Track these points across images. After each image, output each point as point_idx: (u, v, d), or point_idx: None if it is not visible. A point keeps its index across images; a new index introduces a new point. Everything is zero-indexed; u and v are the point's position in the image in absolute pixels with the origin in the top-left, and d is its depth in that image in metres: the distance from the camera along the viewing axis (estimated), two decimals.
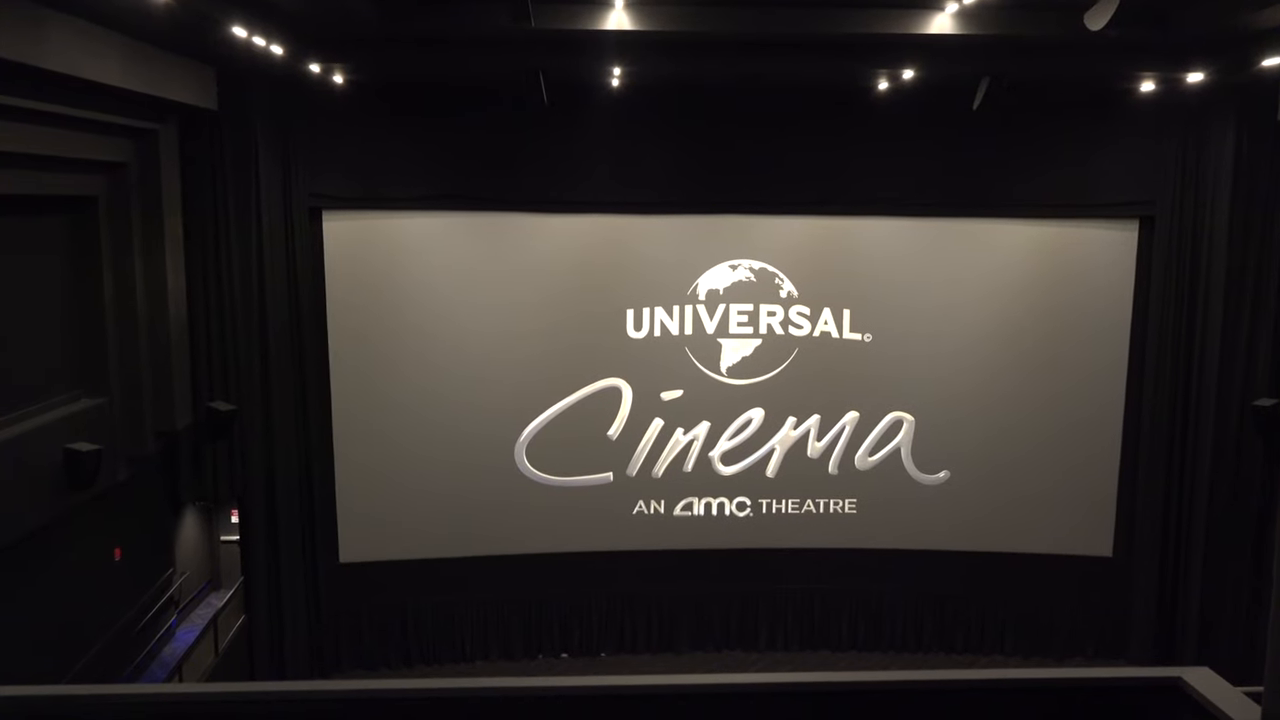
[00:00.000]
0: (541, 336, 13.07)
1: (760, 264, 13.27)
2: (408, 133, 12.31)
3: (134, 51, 8.88)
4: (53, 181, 9.07)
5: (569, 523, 13.38)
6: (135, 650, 10.56)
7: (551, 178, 12.59)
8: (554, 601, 13.56)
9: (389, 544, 13.10)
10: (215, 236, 11.41)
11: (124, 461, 10.19)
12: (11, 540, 8.06)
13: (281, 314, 12.05)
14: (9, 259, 8.76)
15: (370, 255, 12.77)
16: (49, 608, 9.12)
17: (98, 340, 9.97)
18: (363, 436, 12.90)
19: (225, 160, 11.35)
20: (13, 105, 7.66)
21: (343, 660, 13.14)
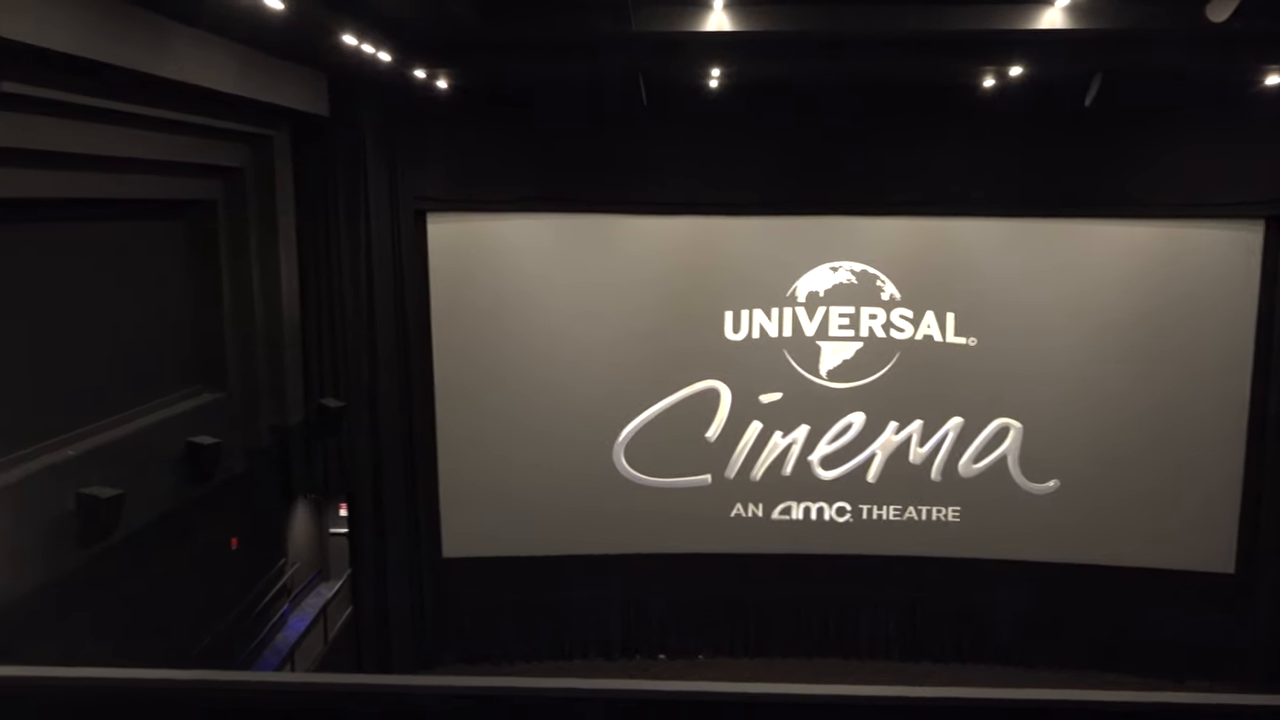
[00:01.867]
0: (640, 338, 13.13)
1: (861, 266, 13.07)
2: (508, 135, 12.52)
3: (251, 60, 9.26)
4: (175, 186, 9.54)
5: (667, 524, 13.40)
6: (250, 636, 10.98)
7: (650, 179, 12.64)
8: (652, 602, 13.59)
9: (490, 540, 13.32)
10: (326, 239, 11.84)
11: (240, 454, 10.62)
12: (138, 526, 8.48)
13: (388, 314, 12.40)
14: (137, 259, 9.24)
15: (473, 256, 13.02)
16: (171, 593, 9.56)
17: (217, 338, 10.43)
18: (465, 433, 13.16)
19: (336, 164, 11.75)
20: (139, 113, 8.07)
21: (444, 654, 13.41)
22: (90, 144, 7.71)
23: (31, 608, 7.31)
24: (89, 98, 7.40)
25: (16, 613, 7.03)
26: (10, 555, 6.79)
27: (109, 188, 8.32)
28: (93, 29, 6.90)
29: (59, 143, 7.36)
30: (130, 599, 8.86)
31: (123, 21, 7.23)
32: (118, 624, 8.60)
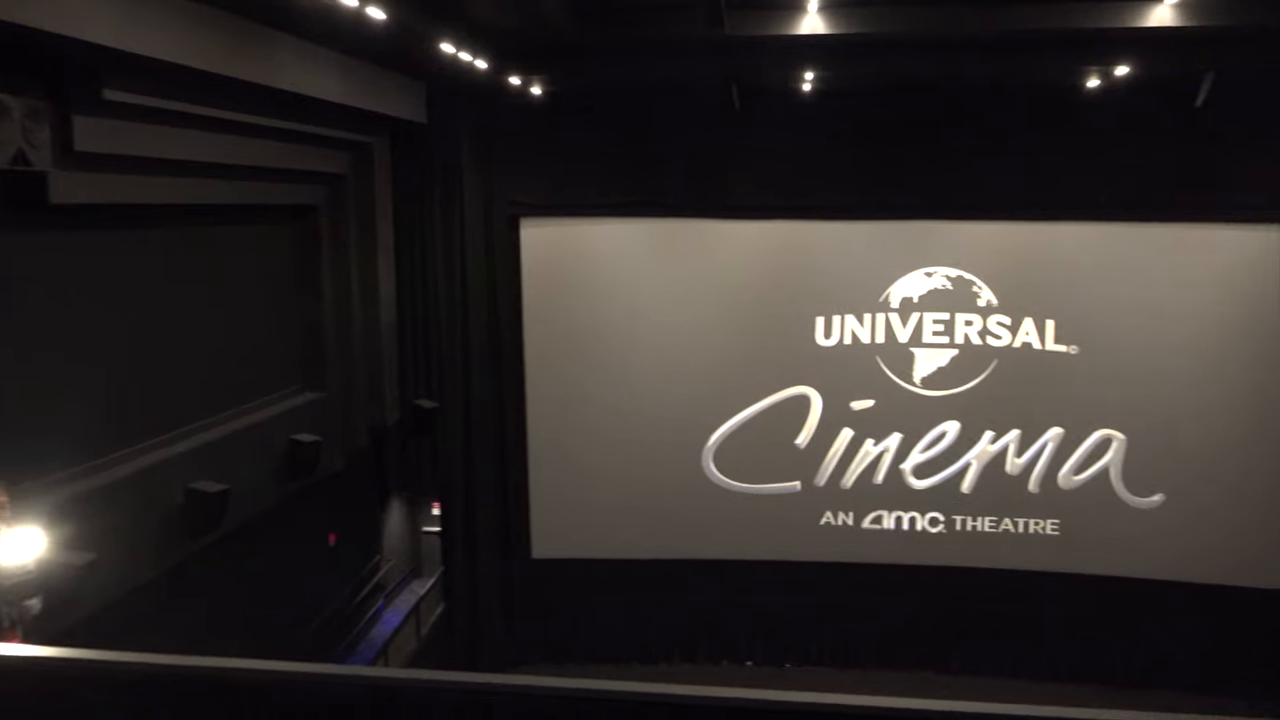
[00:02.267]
0: (730, 342, 13.08)
1: (957, 271, 12.80)
2: (600, 140, 12.61)
3: (353, 70, 9.52)
4: (280, 191, 9.85)
5: (755, 530, 13.31)
6: (347, 630, 11.27)
7: (742, 183, 12.59)
8: (738, 608, 13.51)
9: (579, 542, 13.42)
10: (422, 243, 12.12)
11: (339, 453, 10.91)
12: (243, 521, 8.78)
13: (481, 317, 12.61)
14: (243, 263, 9.58)
15: (565, 261, 13.15)
16: (272, 586, 9.87)
17: (318, 339, 10.74)
18: (555, 436, 13.28)
19: (433, 171, 12.02)
20: (249, 122, 8.37)
21: (533, 653, 13.54)
22: (203, 152, 8.02)
23: (144, 597, 7.63)
24: (203, 107, 7.69)
25: (130, 602, 7.34)
26: (125, 547, 7.08)
27: (219, 193, 8.64)
28: (207, 42, 7.17)
29: (174, 150, 7.67)
30: (234, 591, 9.18)
31: (236, 34, 7.51)
32: (221, 615, 8.91)
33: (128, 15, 6.32)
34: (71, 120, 6.57)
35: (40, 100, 6.31)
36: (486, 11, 8.58)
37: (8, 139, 6.02)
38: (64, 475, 6.98)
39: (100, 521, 6.46)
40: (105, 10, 6.11)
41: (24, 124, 6.13)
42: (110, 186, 7.16)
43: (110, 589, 6.78)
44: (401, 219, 11.95)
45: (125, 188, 7.35)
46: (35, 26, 5.54)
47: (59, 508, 6.03)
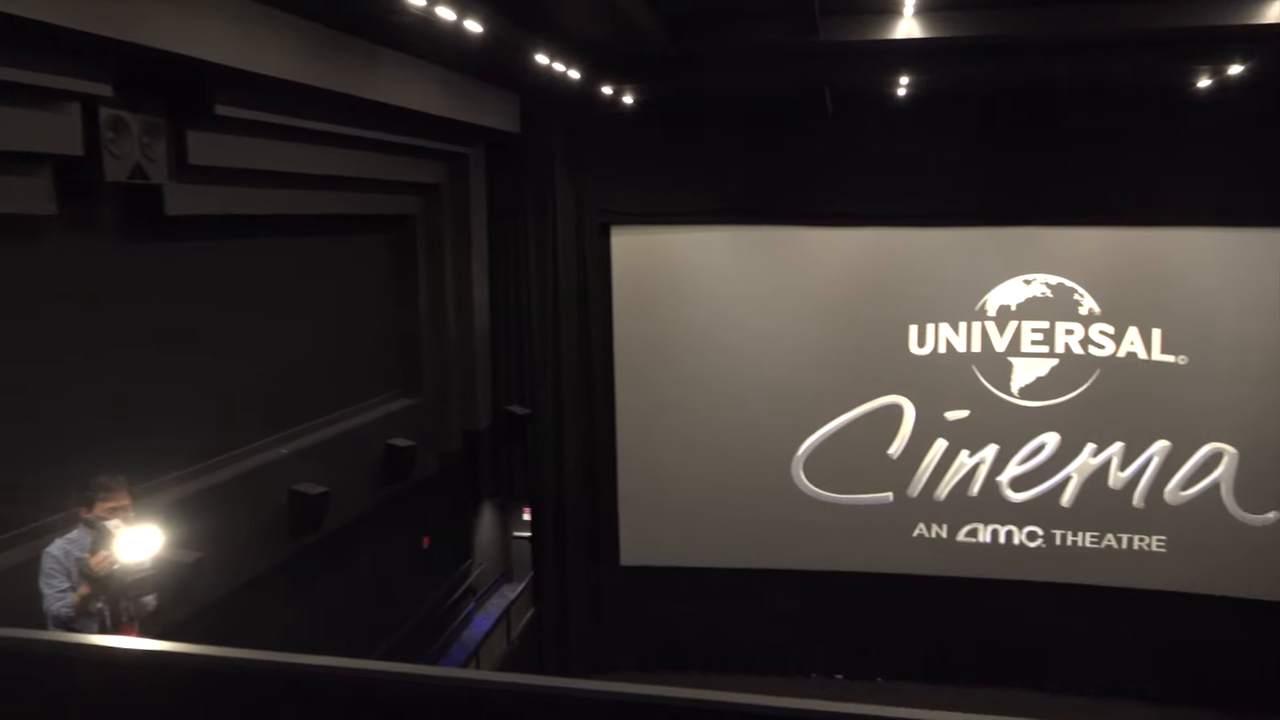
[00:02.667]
0: (821, 351, 12.94)
1: (1058, 278, 12.45)
2: (692, 149, 12.61)
3: (451, 83, 9.72)
4: (379, 202, 10.11)
5: (846, 541, 13.14)
6: (439, 632, 11.47)
7: (835, 190, 12.45)
8: (829, 620, 13.34)
9: (667, 550, 13.42)
10: (515, 252, 12.32)
11: (433, 457, 11.12)
12: (341, 523, 9.01)
13: (572, 324, 12.73)
14: (343, 271, 9.85)
15: (655, 269, 13.18)
16: (368, 587, 10.11)
17: (414, 345, 10.98)
18: (645, 442, 13.31)
19: (525, 180, 12.21)
20: (350, 135, 8.60)
21: (621, 659, 13.58)
22: (307, 164, 8.27)
23: (247, 596, 7.89)
24: (307, 121, 7.94)
25: (234, 600, 7.59)
26: (230, 546, 7.33)
27: (321, 204, 8.90)
28: (313, 58, 7.40)
29: (280, 163, 7.94)
30: (332, 591, 9.43)
31: (340, 49, 7.74)
32: (320, 613, 9.16)
33: (241, 34, 6.57)
34: (186, 135, 6.85)
35: (157, 117, 6.59)
36: (580, 23, 8.67)
37: (127, 154, 6.30)
38: (176, 476, 7.27)
39: (207, 521, 6.69)
40: (220, 30, 6.36)
41: (142, 140, 6.41)
42: (220, 198, 7.44)
43: (216, 587, 7.01)
44: (495, 228, 12.17)
45: (234, 199, 7.63)
46: (156, 46, 5.79)
47: (171, 507, 6.27)
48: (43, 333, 6.19)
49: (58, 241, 6.28)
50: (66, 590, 4.36)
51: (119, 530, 4.35)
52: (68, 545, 4.48)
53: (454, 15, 7.06)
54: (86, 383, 6.47)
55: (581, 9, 8.20)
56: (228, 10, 6.43)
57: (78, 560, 4.36)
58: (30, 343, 6.10)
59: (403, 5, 6.62)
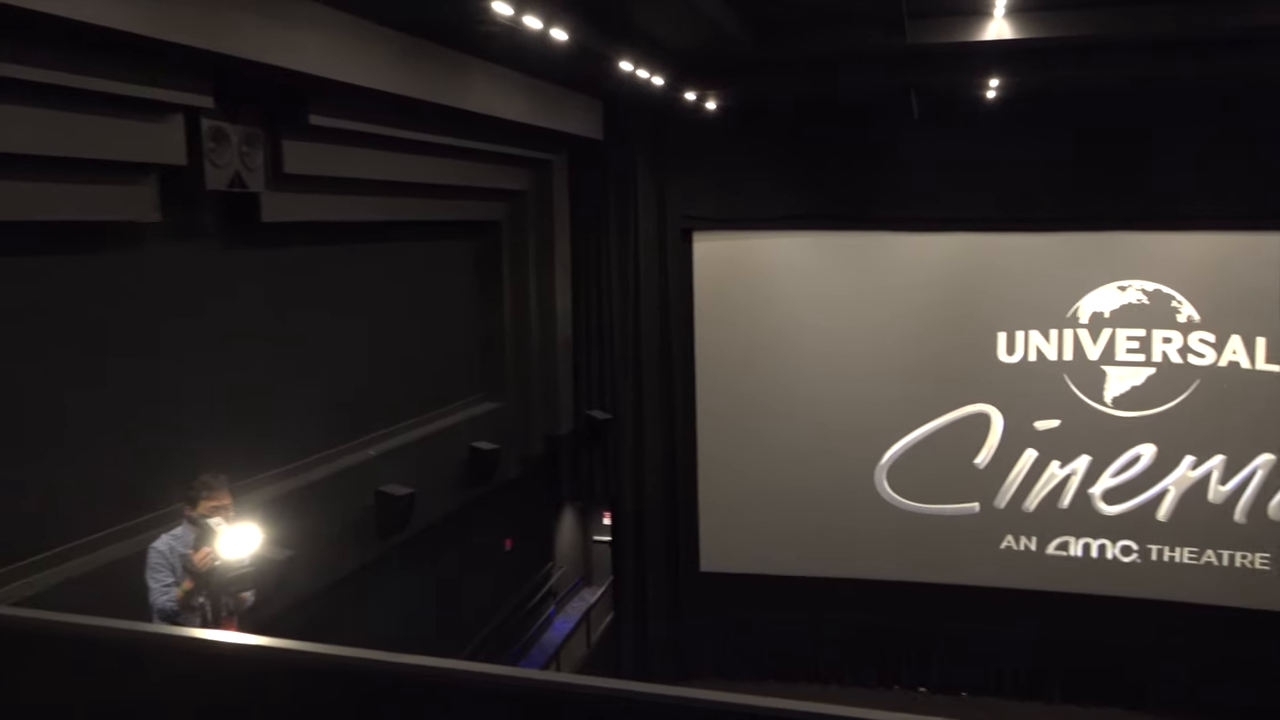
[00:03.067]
0: (906, 358, 12.73)
1: (1154, 285, 12.05)
2: (774, 153, 12.53)
3: (536, 90, 9.83)
4: (466, 209, 10.28)
5: (932, 552, 12.88)
6: (519, 634, 11.58)
7: (921, 195, 12.25)
8: (913, 632, 13.09)
9: (748, 557, 13.33)
10: (597, 257, 12.38)
11: (515, 461, 11.25)
12: (426, 524, 9.16)
13: (654, 329, 12.75)
14: (430, 277, 10.03)
15: (737, 274, 13.12)
16: (451, 588, 10.26)
17: (498, 350, 11.13)
18: (726, 448, 13.25)
19: (608, 186, 12.27)
20: (437, 143, 8.76)
21: (700, 666, 13.53)
22: (396, 171, 8.46)
23: (337, 593, 8.07)
24: (397, 130, 8.11)
25: (326, 597, 7.78)
26: (320, 545, 7.50)
27: (409, 211, 9.08)
28: (404, 68, 7.56)
29: (370, 171, 8.12)
30: (416, 590, 9.59)
31: (429, 59, 7.89)
32: (405, 612, 9.33)
33: (335, 46, 6.74)
34: (282, 145, 7.05)
35: (255, 127, 6.81)
36: (666, 30, 8.68)
37: (227, 163, 6.52)
38: (270, 475, 7.48)
39: (299, 520, 6.86)
40: (315, 42, 6.53)
41: (241, 149, 6.62)
42: (312, 205, 7.65)
43: (305, 585, 7.19)
44: (578, 233, 12.26)
45: (325, 206, 7.84)
46: (255, 59, 5.97)
47: (265, 506, 6.45)
48: (148, 335, 6.43)
49: (161, 247, 6.53)
50: (171, 585, 4.52)
51: (220, 528, 4.49)
52: (172, 541, 4.64)
53: (540, 24, 7.13)
54: (188, 384, 6.71)
55: (667, 16, 8.21)
56: (323, 23, 6.60)
57: (182, 556, 4.52)
58: (136, 345, 6.34)
59: (491, 15, 6.72)
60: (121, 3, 5.03)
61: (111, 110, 5.58)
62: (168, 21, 5.34)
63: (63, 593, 5.48)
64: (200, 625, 4.45)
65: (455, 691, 2.45)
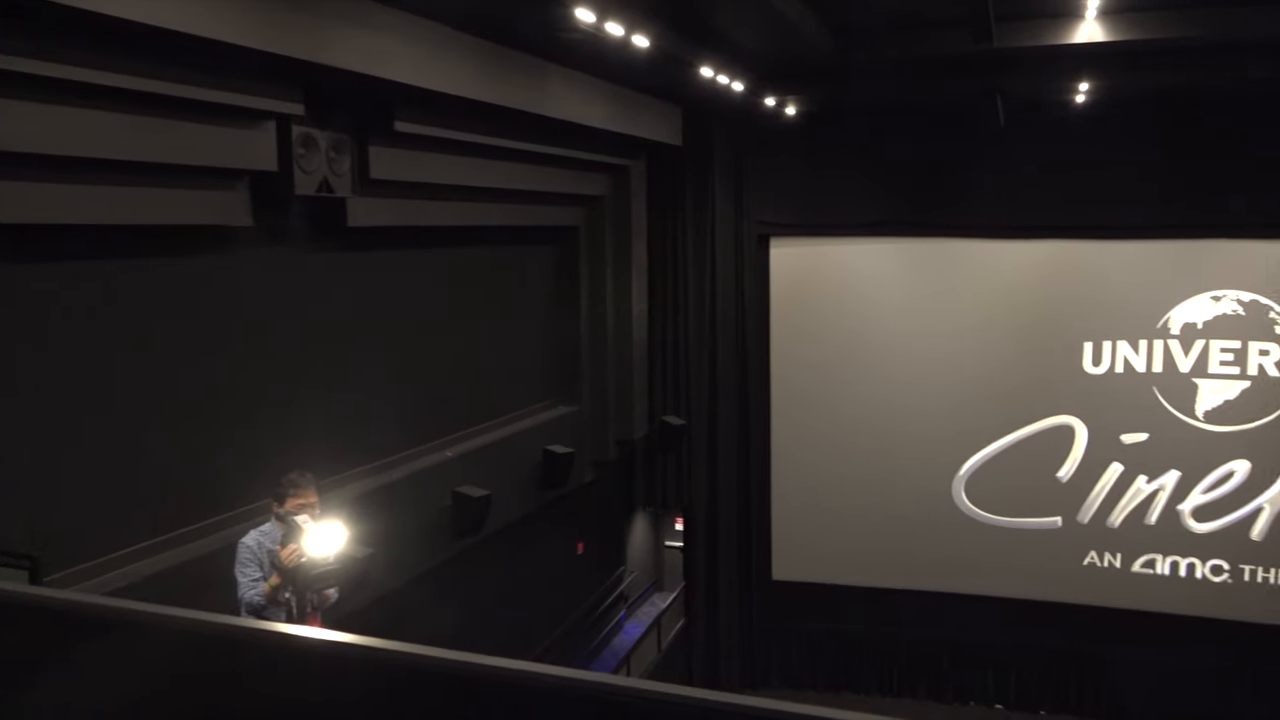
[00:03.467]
0: (988, 367, 12.48)
1: (1250, 295, 11.62)
2: (854, 159, 12.40)
3: (615, 96, 9.88)
4: (545, 214, 10.37)
5: (1011, 566, 12.60)
6: (590, 637, 11.62)
7: (1004, 201, 12.00)
8: (990, 647, 12.82)
9: (821, 567, 13.20)
10: (673, 263, 12.39)
11: (589, 465, 11.31)
12: (501, 525, 9.26)
13: (729, 336, 12.70)
14: (509, 280, 10.14)
15: (814, 281, 13.01)
16: (524, 589, 10.34)
17: (574, 355, 11.19)
18: (800, 457, 13.14)
19: (686, 192, 12.27)
20: (518, 149, 8.85)
21: (772, 675, 13.43)
22: (477, 177, 8.57)
23: (414, 592, 8.19)
24: (478, 136, 8.22)
25: (402, 595, 7.90)
26: (398, 544, 7.63)
27: (489, 216, 9.19)
28: (487, 75, 7.66)
29: (452, 176, 8.24)
30: (490, 591, 9.68)
31: (511, 66, 7.98)
32: (479, 613, 9.42)
33: (422, 54, 6.87)
34: (368, 151, 7.20)
35: (343, 134, 6.96)
36: (747, 36, 8.65)
37: (315, 169, 6.67)
38: (351, 474, 7.63)
39: (378, 519, 6.98)
40: (402, 50, 6.66)
41: (329, 155, 6.78)
42: (396, 210, 7.78)
43: (384, 582, 7.30)
44: (654, 238, 12.28)
45: (408, 211, 7.97)
46: (345, 68, 6.12)
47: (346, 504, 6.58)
48: (237, 336, 6.62)
49: (252, 251, 6.71)
50: (258, 579, 4.64)
51: (307, 526, 4.60)
52: (260, 536, 4.77)
53: (622, 31, 7.17)
54: (275, 383, 6.88)
55: (749, 21, 8.18)
56: (409, 31, 6.73)
57: (269, 552, 4.64)
58: (226, 345, 6.53)
59: (574, 22, 6.77)
60: (220, 15, 5.19)
61: (208, 117, 5.76)
62: (264, 32, 5.50)
63: (154, 584, 5.67)
64: (285, 620, 4.55)
65: (542, 695, 2.46)
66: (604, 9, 6.88)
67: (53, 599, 2.74)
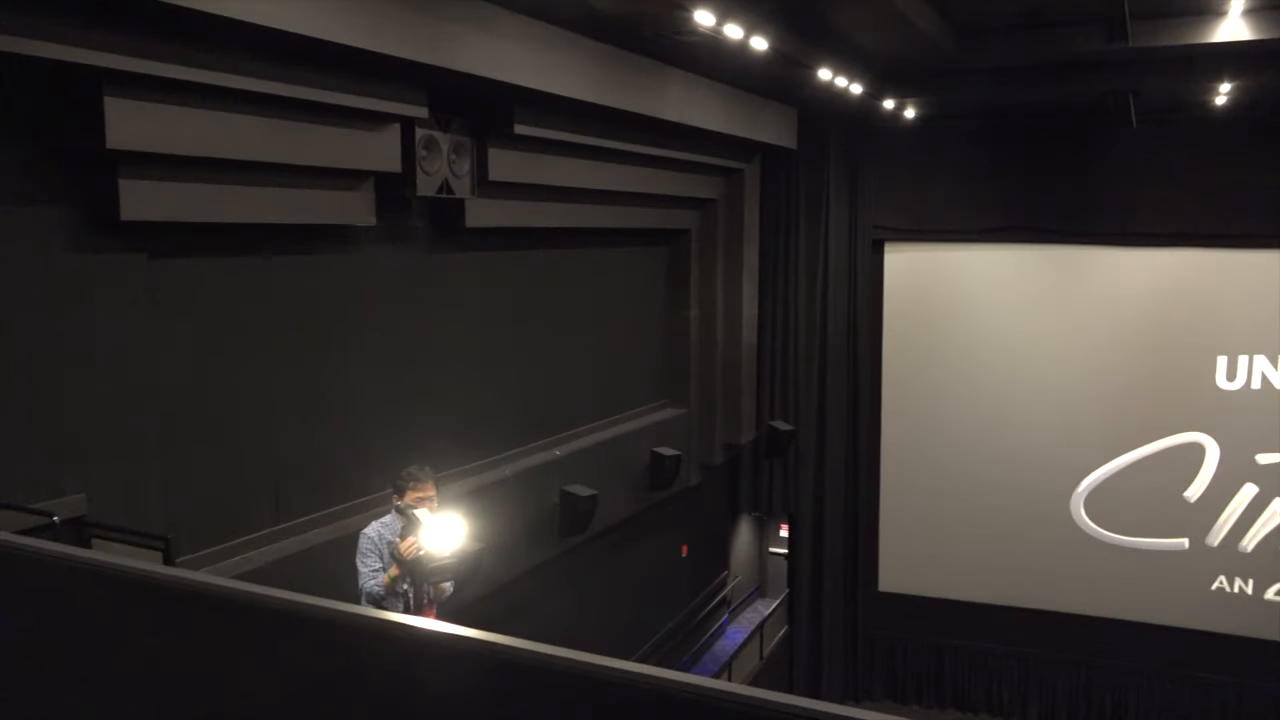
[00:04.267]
0: (1111, 381, 11.98)
1: None
2: (975, 163, 12.06)
3: (731, 98, 9.83)
4: (659, 217, 10.38)
5: (1132, 588, 12.08)
6: (692, 641, 11.60)
7: (1133, 208, 11.50)
8: (1106, 671, 12.33)
9: (929, 580, 12.89)
10: (785, 267, 12.27)
11: (695, 468, 11.28)
12: (607, 525, 9.31)
13: (840, 342, 12.51)
14: (620, 284, 10.19)
15: (930, 287, 12.71)
16: (628, 590, 10.38)
17: (683, 357, 11.18)
18: (911, 467, 12.86)
19: (799, 195, 12.13)
20: (633, 151, 8.89)
21: (875, 688, 13.18)
22: (592, 180, 8.63)
23: (520, 588, 8.31)
24: (594, 138, 8.28)
25: (509, 591, 8.02)
26: (508, 540, 7.74)
27: (603, 218, 9.25)
28: (606, 79, 7.71)
29: (568, 179, 8.33)
30: (594, 590, 9.75)
31: (630, 70, 8.02)
32: (583, 611, 9.50)
33: (542, 57, 6.95)
34: (487, 152, 7.33)
35: (463, 136, 7.10)
36: (869, 37, 8.49)
37: (437, 171, 6.82)
38: (466, 470, 7.78)
39: (489, 514, 7.08)
40: (523, 54, 6.75)
41: (449, 157, 6.92)
42: (513, 211, 7.90)
43: (491, 577, 7.41)
44: (766, 242, 12.18)
45: (525, 212, 8.08)
46: (469, 72, 6.24)
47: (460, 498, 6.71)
48: (359, 333, 6.82)
49: (375, 251, 6.91)
50: (378, 570, 4.76)
51: (425, 519, 4.69)
52: (381, 528, 4.89)
53: (742, 33, 7.12)
54: (393, 379, 7.06)
55: (872, 23, 8.03)
56: (531, 35, 6.81)
57: (389, 543, 4.75)
58: (348, 341, 6.73)
59: (693, 25, 6.76)
60: (351, 21, 5.35)
61: (337, 120, 5.94)
62: (394, 37, 5.65)
63: (278, 568, 5.88)
64: (402, 611, 4.66)
65: (648, 697, 2.45)
66: (724, 11, 6.85)
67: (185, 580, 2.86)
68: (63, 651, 2.94)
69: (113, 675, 2.85)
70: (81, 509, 4.88)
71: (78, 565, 2.93)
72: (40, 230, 4.76)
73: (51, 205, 4.80)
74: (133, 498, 5.18)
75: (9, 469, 4.64)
